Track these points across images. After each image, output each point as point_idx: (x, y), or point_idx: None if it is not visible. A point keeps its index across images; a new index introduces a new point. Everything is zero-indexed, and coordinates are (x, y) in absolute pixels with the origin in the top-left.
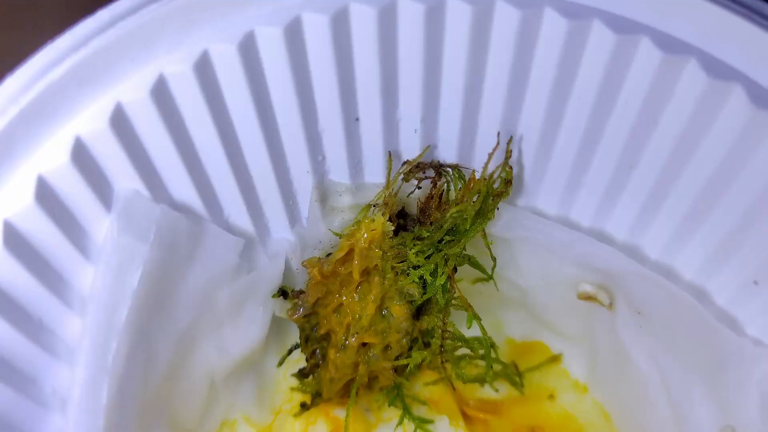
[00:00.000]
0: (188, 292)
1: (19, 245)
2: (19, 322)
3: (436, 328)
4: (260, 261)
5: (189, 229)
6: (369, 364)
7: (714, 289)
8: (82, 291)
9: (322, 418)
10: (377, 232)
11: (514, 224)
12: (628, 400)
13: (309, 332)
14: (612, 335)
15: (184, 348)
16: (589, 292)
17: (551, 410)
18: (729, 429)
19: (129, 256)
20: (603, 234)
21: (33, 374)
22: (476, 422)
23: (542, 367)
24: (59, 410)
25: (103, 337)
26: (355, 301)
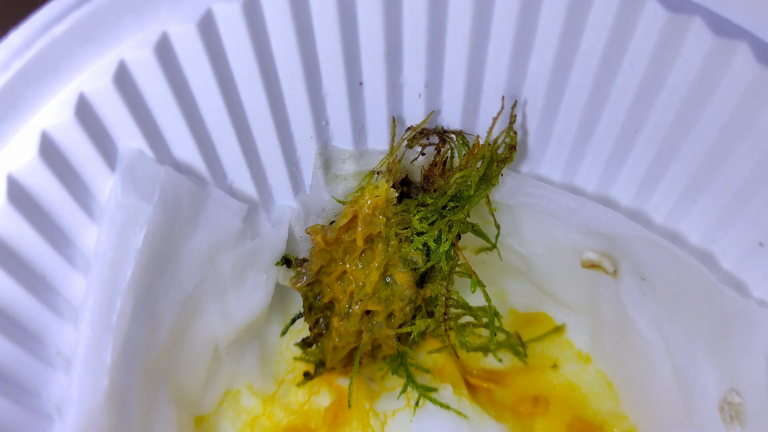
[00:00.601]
0: (192, 256)
1: (23, 200)
2: (23, 278)
3: (440, 295)
4: (263, 228)
5: (193, 192)
6: (372, 332)
7: (720, 253)
8: (86, 251)
9: (325, 388)
10: (381, 199)
11: (517, 191)
12: (632, 369)
13: (312, 301)
14: (616, 304)
15: (187, 313)
16: (593, 260)
17: (554, 380)
18: (733, 393)
19: (133, 215)
20: (608, 200)
21: (37, 331)
22: (479, 391)
23: (545, 337)
24: (63, 370)
25: (108, 296)
26: (359, 268)
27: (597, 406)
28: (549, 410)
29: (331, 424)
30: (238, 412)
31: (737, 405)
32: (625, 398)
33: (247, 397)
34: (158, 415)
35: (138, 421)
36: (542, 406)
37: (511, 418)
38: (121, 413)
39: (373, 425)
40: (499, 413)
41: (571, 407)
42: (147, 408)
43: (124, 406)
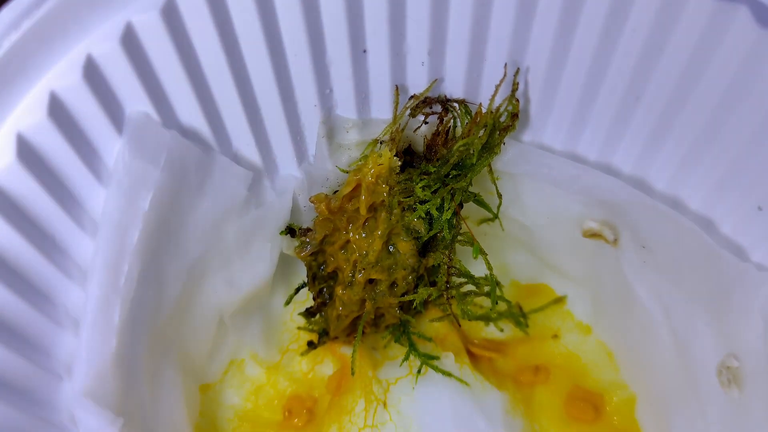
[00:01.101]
0: (198, 223)
1: (33, 159)
2: (34, 237)
3: (442, 264)
4: (268, 197)
5: (199, 158)
6: (376, 300)
7: (719, 218)
8: (94, 213)
9: (328, 357)
10: (384, 167)
11: (519, 159)
12: (632, 338)
13: (316, 270)
14: (616, 273)
15: (193, 280)
16: (594, 229)
17: (555, 350)
18: (731, 357)
19: (140, 179)
20: (609, 167)
21: (46, 291)
22: (481, 360)
23: (546, 308)
24: (72, 330)
25: (115, 258)
26: (362, 237)
27: (597, 375)
28: (550, 379)
29: (335, 392)
30: (243, 381)
31: (735, 369)
32: (624, 367)
33: (252, 366)
34: (165, 380)
35: (145, 384)
36: (543, 375)
37: (512, 387)
38: (128, 375)
39: (376, 392)
40: (500, 382)
41: (571, 377)
42: (154, 373)
43: (131, 369)
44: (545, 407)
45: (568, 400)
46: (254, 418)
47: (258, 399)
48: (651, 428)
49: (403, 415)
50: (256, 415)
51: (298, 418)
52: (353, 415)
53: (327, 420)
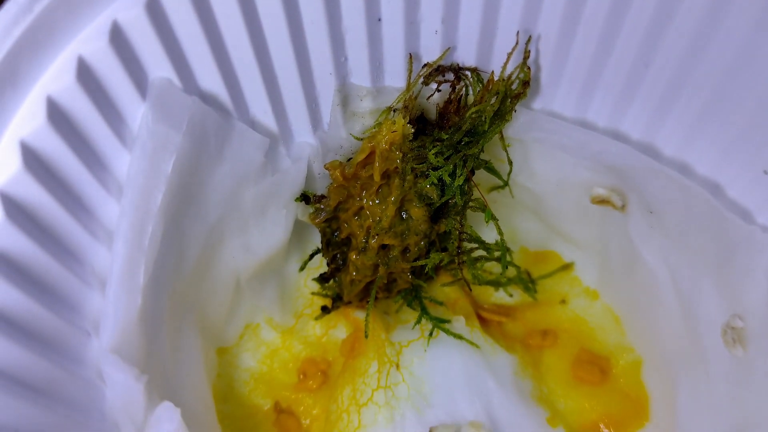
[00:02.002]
0: (217, 188)
1: (62, 122)
2: (63, 197)
3: (454, 230)
4: (283, 164)
5: (218, 124)
6: (388, 265)
7: (726, 182)
8: (119, 177)
9: (342, 322)
10: (398, 134)
11: (530, 126)
12: (638, 302)
13: (330, 237)
14: (624, 239)
15: (212, 243)
16: (602, 195)
17: (563, 314)
18: (736, 318)
19: (163, 143)
20: (618, 134)
21: (75, 250)
22: (491, 324)
23: (555, 274)
24: (99, 289)
25: (140, 219)
26: (375, 204)
27: (604, 339)
28: (557, 343)
29: (348, 355)
30: (258, 345)
31: (740, 329)
32: (631, 331)
33: (267, 330)
34: (185, 341)
35: (167, 344)
36: (551, 339)
37: (521, 350)
38: (151, 334)
39: (389, 354)
40: (510, 345)
41: (578, 340)
42: (175, 333)
43: (154, 328)
44: (553, 370)
45: (576, 363)
46: (270, 381)
47: (273, 362)
48: (657, 390)
49: (416, 376)
50: (272, 378)
51: (312, 380)
52: (367, 376)
53: (341, 382)
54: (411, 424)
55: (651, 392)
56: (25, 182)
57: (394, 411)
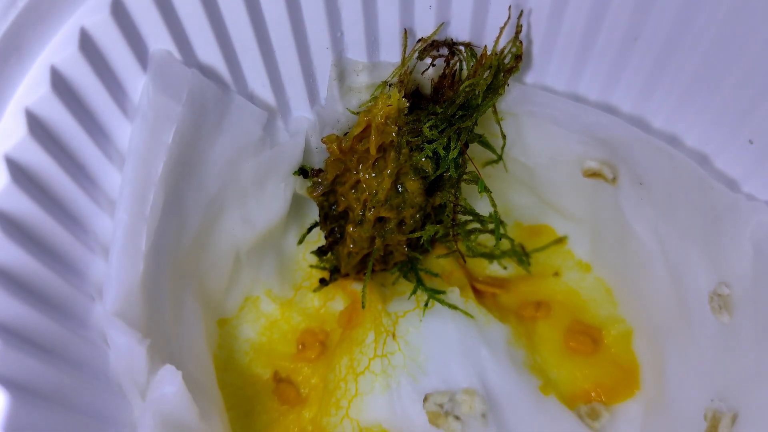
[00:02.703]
0: (216, 160)
1: (65, 91)
2: (67, 165)
3: (448, 203)
4: (281, 137)
5: (218, 96)
6: (385, 237)
7: (713, 153)
8: (121, 146)
9: (339, 294)
10: (393, 108)
11: (523, 99)
12: (629, 274)
13: (327, 210)
14: (615, 211)
15: (211, 215)
16: (594, 169)
17: (556, 287)
18: (723, 285)
19: (163, 113)
20: (609, 107)
21: (79, 217)
22: (485, 296)
23: (548, 248)
24: (102, 256)
25: (141, 187)
26: (372, 177)
27: (596, 310)
28: (550, 314)
29: (346, 326)
30: (258, 317)
31: (726, 296)
32: (622, 302)
33: (266, 302)
34: (186, 310)
35: (168, 312)
36: (544, 310)
37: (515, 321)
38: (153, 300)
39: (386, 324)
40: (503, 316)
41: (571, 312)
42: (176, 302)
43: (156, 295)
44: (546, 340)
45: (568, 334)
46: (269, 351)
47: (273, 333)
48: (647, 358)
49: (411, 345)
50: (271, 348)
51: (310, 350)
52: (364, 346)
53: (338, 352)
54: (406, 392)
55: (641, 361)
56: (31, 148)
57: (390, 379)
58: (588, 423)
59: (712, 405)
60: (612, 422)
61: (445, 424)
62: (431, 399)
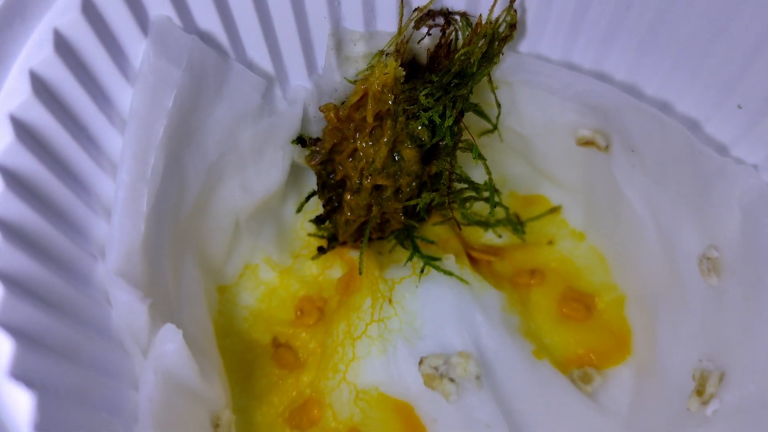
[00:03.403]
0: (215, 126)
1: (68, 53)
2: (70, 126)
3: (444, 171)
4: (280, 106)
5: (217, 63)
6: (382, 205)
7: (703, 118)
8: (122, 110)
9: (337, 262)
10: (389, 77)
11: (517, 68)
12: (622, 241)
13: (325, 179)
14: (608, 179)
15: (211, 181)
16: (587, 137)
17: (550, 255)
18: (712, 249)
19: (164, 78)
20: (603, 75)
21: (82, 178)
22: (480, 263)
23: (542, 217)
24: (104, 217)
25: (142, 150)
26: (369, 145)
27: (589, 278)
28: (544, 282)
29: (343, 292)
30: (257, 284)
31: (715, 259)
32: (615, 270)
33: (265, 270)
34: (186, 274)
35: (169, 275)
36: (538, 278)
37: (509, 288)
38: (154, 263)
39: (382, 290)
40: (498, 283)
41: (565, 279)
42: (177, 266)
43: (157, 257)
44: (540, 307)
45: (562, 301)
46: (268, 317)
47: (271, 300)
48: (639, 323)
49: (407, 311)
50: (270, 315)
51: (309, 316)
52: (361, 311)
53: (336, 318)
54: (403, 355)
55: (633, 327)
56: (35, 108)
57: (386, 343)
58: (580, 387)
59: (700, 365)
60: (604, 386)
61: (440, 386)
62: (427, 362)
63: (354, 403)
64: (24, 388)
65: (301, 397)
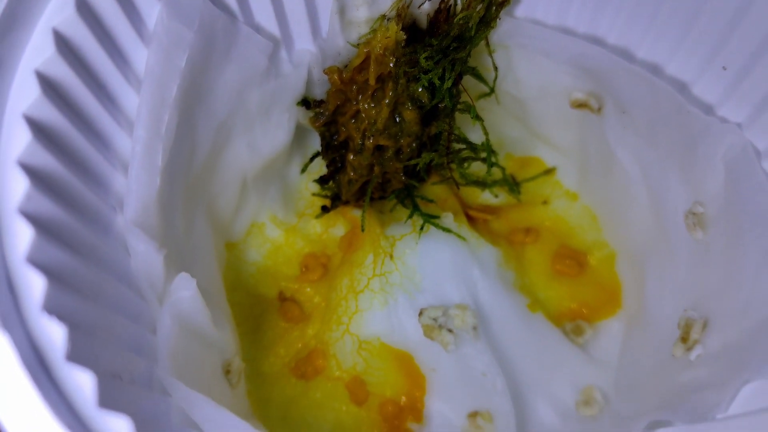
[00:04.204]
0: (224, 86)
1: (88, 14)
2: (89, 82)
3: (444, 132)
4: (285, 69)
5: (226, 26)
6: (383, 165)
7: (691, 80)
8: (138, 70)
9: (340, 221)
10: (391, 40)
11: (513, 32)
12: (613, 201)
13: (329, 140)
14: (600, 140)
15: (221, 140)
16: (581, 99)
17: (545, 214)
18: (697, 204)
19: (177, 39)
20: (596, 38)
21: (100, 131)
22: (477, 222)
23: (538, 178)
24: (122, 172)
25: (157, 108)
26: (371, 107)
27: (582, 236)
28: (539, 240)
29: (346, 249)
30: (264, 242)
31: (700, 214)
32: (607, 228)
33: (271, 228)
34: (197, 229)
35: (182, 228)
36: (533, 236)
37: (505, 245)
38: (168, 216)
39: (384, 246)
40: (495, 240)
41: (558, 237)
42: (189, 221)
43: (170, 211)
44: (534, 263)
45: (555, 258)
46: (274, 273)
47: (277, 257)
48: (629, 278)
49: (408, 266)
50: (276, 271)
51: (313, 272)
52: (363, 267)
53: (339, 273)
54: (403, 308)
55: (623, 282)
56: (58, 65)
57: (388, 296)
58: (572, 338)
59: (685, 314)
60: (595, 337)
61: (439, 336)
62: (426, 313)
63: (357, 353)
64: (57, 322)
65: (307, 348)
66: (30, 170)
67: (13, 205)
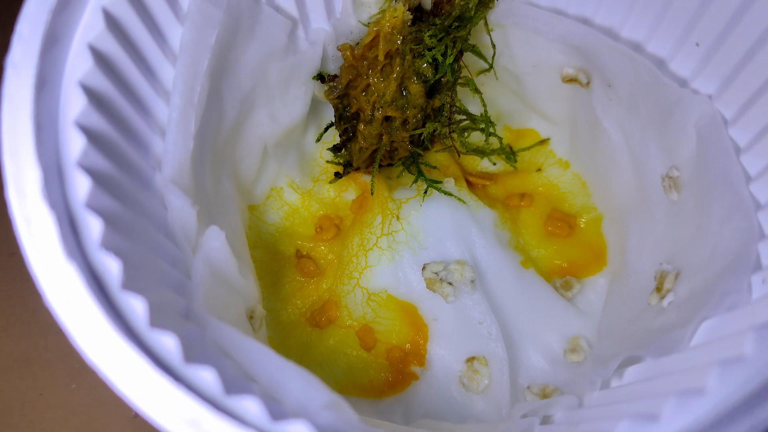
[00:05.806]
0: (248, 62)
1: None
2: (132, 55)
3: (446, 104)
4: (302, 46)
5: (250, 6)
6: (391, 134)
7: (668, 56)
8: (173, 46)
9: (352, 185)
10: (398, 20)
11: (509, 12)
12: (600, 167)
13: (342, 111)
14: (588, 112)
15: (245, 110)
16: (571, 75)
17: (538, 181)
18: (673, 168)
19: (208, 18)
20: (584, 18)
21: (142, 100)
22: (476, 187)
23: (532, 148)
24: (160, 135)
25: (191, 79)
26: (380, 81)
27: (572, 201)
28: (533, 204)
29: (357, 211)
30: (282, 205)
31: (676, 178)
32: (595, 193)
33: (289, 192)
34: (223, 190)
35: (210, 188)
36: (527, 200)
37: (501, 208)
38: (199, 177)
39: (391, 208)
40: (492, 203)
41: (551, 202)
42: (216, 182)
43: (201, 173)
44: (528, 225)
45: (548, 220)
46: (291, 233)
47: (294, 218)
48: (613, 238)
49: (412, 225)
50: (293, 231)
51: (327, 232)
52: (372, 227)
53: (351, 233)
54: (408, 263)
55: (608, 241)
56: (107, 40)
57: (394, 252)
58: (562, 293)
59: (660, 267)
60: (582, 291)
61: (440, 288)
62: (428, 268)
63: (366, 304)
64: (113, 257)
65: (321, 300)
66: (85, 130)
67: (74, 159)
